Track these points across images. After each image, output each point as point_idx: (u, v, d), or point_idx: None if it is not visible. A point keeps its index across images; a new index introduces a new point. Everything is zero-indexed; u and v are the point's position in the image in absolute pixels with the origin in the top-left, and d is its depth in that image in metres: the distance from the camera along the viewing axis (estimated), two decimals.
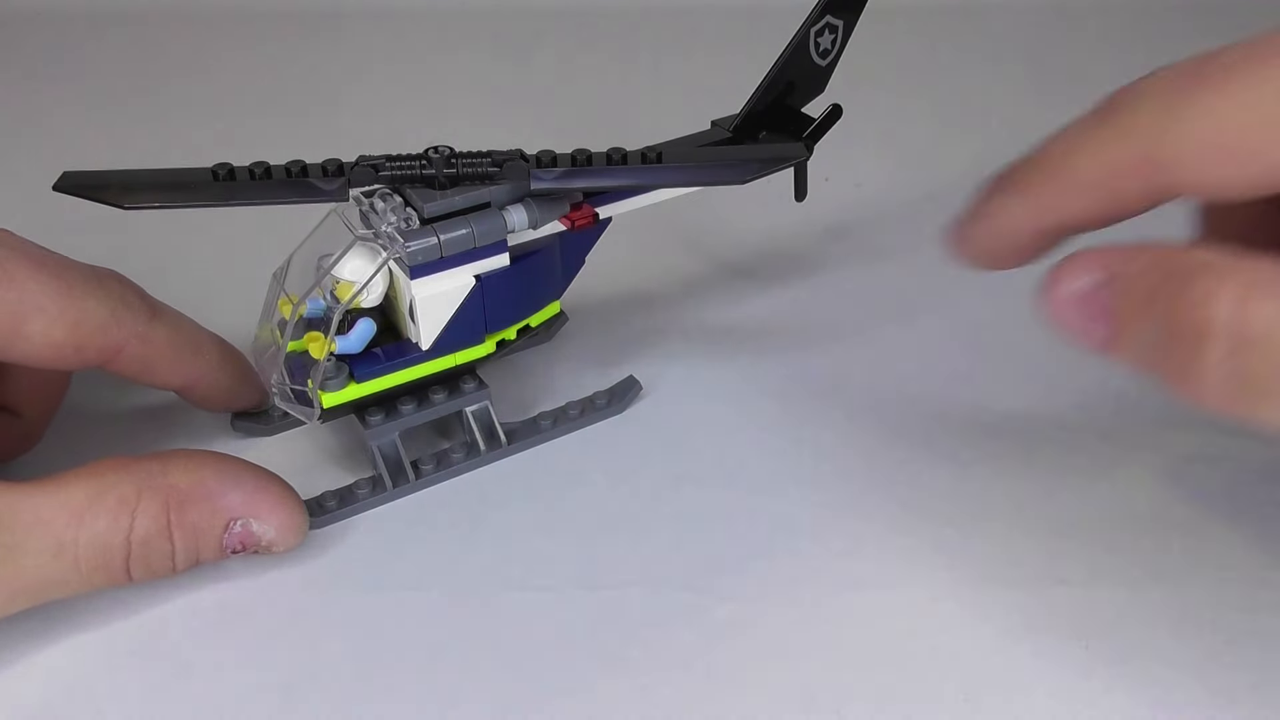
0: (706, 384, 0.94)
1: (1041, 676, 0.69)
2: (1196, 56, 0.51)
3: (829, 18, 0.91)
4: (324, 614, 0.74)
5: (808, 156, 0.90)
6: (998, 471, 0.85)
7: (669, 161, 0.81)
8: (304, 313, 0.79)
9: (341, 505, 0.81)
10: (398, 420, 0.82)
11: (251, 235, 1.04)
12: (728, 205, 1.14)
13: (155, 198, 0.77)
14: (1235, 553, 0.77)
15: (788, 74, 0.92)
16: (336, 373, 0.78)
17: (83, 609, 0.74)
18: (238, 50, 1.68)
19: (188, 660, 0.71)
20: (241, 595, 0.75)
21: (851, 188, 1.23)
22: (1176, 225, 0.64)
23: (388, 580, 0.76)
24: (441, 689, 0.69)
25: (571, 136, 0.90)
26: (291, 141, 0.88)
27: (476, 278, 0.80)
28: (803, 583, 0.76)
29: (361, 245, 0.78)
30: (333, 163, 0.78)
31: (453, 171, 0.78)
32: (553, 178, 0.79)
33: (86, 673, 0.70)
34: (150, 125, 1.45)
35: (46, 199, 0.80)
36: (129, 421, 0.90)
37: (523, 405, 0.92)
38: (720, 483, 0.84)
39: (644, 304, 1.05)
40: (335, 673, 0.70)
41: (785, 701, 0.68)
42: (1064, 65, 1.57)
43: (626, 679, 0.69)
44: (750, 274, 1.10)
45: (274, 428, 0.89)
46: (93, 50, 1.68)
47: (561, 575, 0.77)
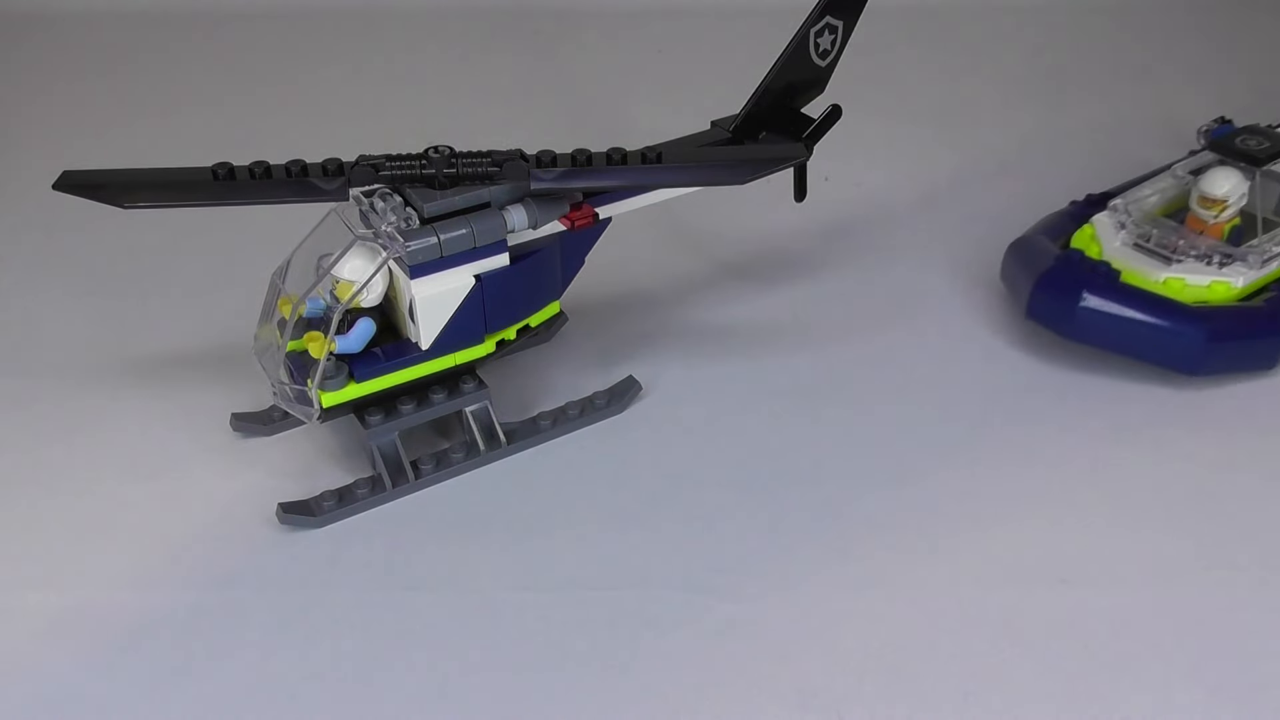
0: (706, 384, 0.94)
1: (1041, 676, 0.69)
2: None
3: (829, 18, 0.91)
4: (324, 614, 0.74)
5: (807, 157, 0.90)
6: (997, 471, 0.85)
7: (669, 161, 0.81)
8: (304, 312, 0.79)
9: (341, 505, 0.81)
10: (397, 420, 0.82)
11: (251, 235, 1.04)
12: (728, 205, 1.14)
13: (155, 197, 0.77)
14: (1236, 553, 0.77)
15: (787, 74, 0.92)
16: (336, 372, 0.78)
17: (83, 609, 0.74)
18: (238, 50, 1.68)
19: (188, 660, 0.71)
20: (241, 595, 0.75)
21: (851, 188, 1.23)
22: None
23: (387, 580, 0.76)
24: (441, 689, 0.69)
25: (571, 136, 0.90)
26: (291, 141, 0.88)
27: (476, 278, 0.80)
28: (803, 583, 0.76)
29: (361, 245, 0.78)
30: (333, 162, 0.78)
31: (453, 171, 0.78)
32: (553, 178, 0.79)
33: (86, 672, 0.70)
34: (150, 125, 1.45)
35: (46, 199, 0.80)
36: (130, 421, 0.90)
37: (523, 405, 0.92)
38: (720, 483, 0.84)
39: (644, 304, 1.05)
40: (335, 673, 0.70)
41: (785, 701, 0.68)
42: (1063, 66, 1.57)
43: (626, 679, 0.69)
44: (750, 274, 1.10)
45: (273, 428, 0.89)
46: (93, 50, 1.67)
47: (561, 575, 0.77)
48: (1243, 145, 0.96)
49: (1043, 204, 1.06)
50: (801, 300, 1.06)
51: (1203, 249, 0.91)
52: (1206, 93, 1.46)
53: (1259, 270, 0.91)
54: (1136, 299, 0.88)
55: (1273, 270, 0.93)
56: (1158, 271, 0.91)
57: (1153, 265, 0.91)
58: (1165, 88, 1.49)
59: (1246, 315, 0.90)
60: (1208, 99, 1.43)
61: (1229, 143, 0.98)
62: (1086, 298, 0.88)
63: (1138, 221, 0.95)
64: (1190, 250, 0.91)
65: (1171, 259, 0.91)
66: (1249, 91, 1.45)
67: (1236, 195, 0.92)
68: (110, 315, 1.05)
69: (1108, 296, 0.88)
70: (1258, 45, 1.57)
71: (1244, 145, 0.96)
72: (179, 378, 0.95)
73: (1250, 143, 0.97)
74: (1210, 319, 0.88)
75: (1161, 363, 0.89)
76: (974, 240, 1.11)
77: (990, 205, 1.19)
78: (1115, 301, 0.88)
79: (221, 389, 0.92)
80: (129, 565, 0.77)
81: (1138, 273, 0.91)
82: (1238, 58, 1.54)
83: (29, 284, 1.10)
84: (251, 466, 0.86)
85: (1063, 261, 0.92)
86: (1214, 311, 0.89)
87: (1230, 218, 0.94)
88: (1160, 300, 0.89)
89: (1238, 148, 0.96)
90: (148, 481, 0.84)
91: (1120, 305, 0.88)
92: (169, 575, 0.77)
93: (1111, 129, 1.36)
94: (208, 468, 0.86)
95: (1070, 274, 0.90)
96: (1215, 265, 0.90)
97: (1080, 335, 0.90)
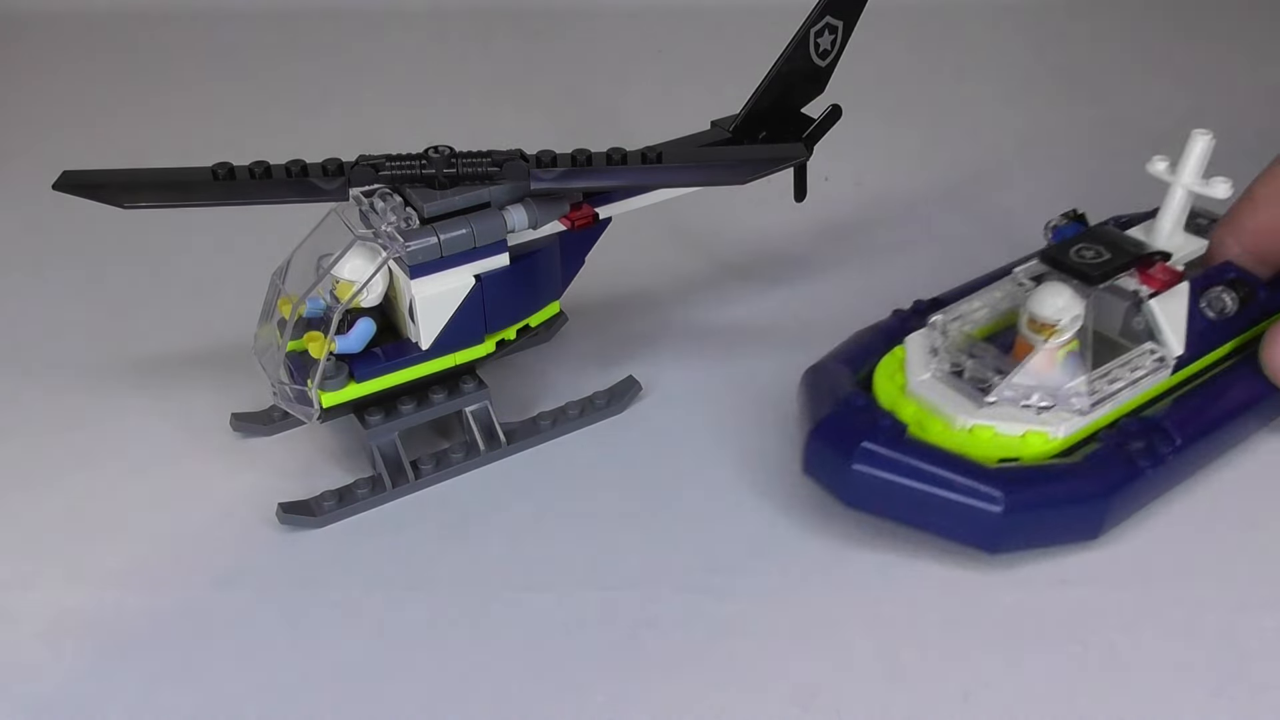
0: (706, 384, 0.94)
1: (1041, 676, 0.69)
2: None
3: (829, 18, 0.91)
4: (323, 614, 0.74)
5: (807, 157, 0.90)
6: None
7: (669, 161, 0.81)
8: (304, 312, 0.79)
9: (341, 505, 0.81)
10: (397, 420, 0.82)
11: (251, 235, 1.04)
12: (728, 205, 1.14)
13: (154, 197, 0.77)
14: (1236, 553, 0.77)
15: (787, 74, 0.92)
16: (336, 372, 0.78)
17: (83, 609, 0.74)
18: (238, 50, 1.68)
19: (188, 660, 0.71)
20: (241, 595, 0.75)
21: (851, 188, 1.23)
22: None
23: (388, 580, 0.76)
24: (442, 688, 0.69)
25: (571, 136, 0.90)
26: (291, 141, 0.88)
27: (476, 277, 0.80)
28: (802, 582, 0.76)
29: (361, 245, 0.78)
30: (333, 162, 0.78)
31: (453, 171, 0.78)
32: (553, 178, 0.79)
33: (87, 673, 0.70)
34: (150, 125, 1.45)
35: (47, 199, 0.80)
36: (130, 421, 0.90)
37: (522, 405, 0.92)
38: (720, 482, 0.84)
39: (644, 304, 1.05)
40: (335, 672, 0.70)
41: (785, 701, 0.68)
42: (1063, 66, 1.57)
43: (626, 679, 0.69)
44: (750, 274, 1.10)
45: (274, 427, 0.89)
46: (94, 50, 1.67)
47: (561, 575, 0.77)
48: (1077, 258, 0.76)
49: (1043, 203, 1.05)
50: (801, 300, 1.06)
51: (1021, 387, 0.73)
52: (1204, 93, 1.46)
53: (1086, 416, 0.74)
54: (924, 459, 0.71)
55: (1103, 415, 0.76)
56: (965, 415, 0.73)
57: (960, 407, 0.74)
58: (1166, 88, 1.49)
59: (1060, 477, 0.73)
60: (1206, 99, 1.44)
61: (1063, 253, 0.77)
62: (859, 458, 0.72)
63: (953, 346, 0.77)
64: (1006, 390, 0.73)
65: (984, 399, 0.74)
66: (1240, 93, 1.45)
67: (1069, 318, 0.74)
68: (110, 315, 1.05)
69: (884, 458, 0.72)
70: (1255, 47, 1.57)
71: (1078, 258, 0.76)
72: (179, 378, 0.95)
73: (1087, 254, 0.76)
74: (1013, 485, 0.71)
75: (954, 538, 0.73)
76: (974, 240, 1.11)
77: (990, 205, 1.20)
78: (892, 465, 0.71)
79: (221, 389, 0.92)
80: (129, 565, 0.77)
81: (940, 419, 0.74)
82: (1234, 60, 1.55)
83: (29, 284, 1.11)
84: (251, 466, 0.86)
85: (842, 408, 0.75)
86: (1020, 474, 0.72)
87: (1064, 344, 0.75)
88: (954, 461, 0.72)
89: (1070, 261, 0.76)
90: (148, 481, 0.85)
91: (897, 470, 0.71)
92: (169, 575, 0.77)
93: (1112, 129, 1.37)
94: (208, 468, 0.86)
95: (845, 426, 0.74)
96: (1034, 409, 0.73)
97: (856, 501, 0.74)
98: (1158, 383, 0.79)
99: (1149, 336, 0.79)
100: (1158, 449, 0.75)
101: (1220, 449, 0.82)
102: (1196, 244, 0.87)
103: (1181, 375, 0.81)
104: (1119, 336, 0.82)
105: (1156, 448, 0.75)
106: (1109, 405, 0.76)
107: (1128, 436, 0.75)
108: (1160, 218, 0.86)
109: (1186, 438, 0.77)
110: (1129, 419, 0.77)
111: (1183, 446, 0.76)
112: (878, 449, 0.72)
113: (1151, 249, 0.80)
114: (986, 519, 0.70)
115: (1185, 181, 0.83)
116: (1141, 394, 0.78)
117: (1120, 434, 0.75)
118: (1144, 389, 0.78)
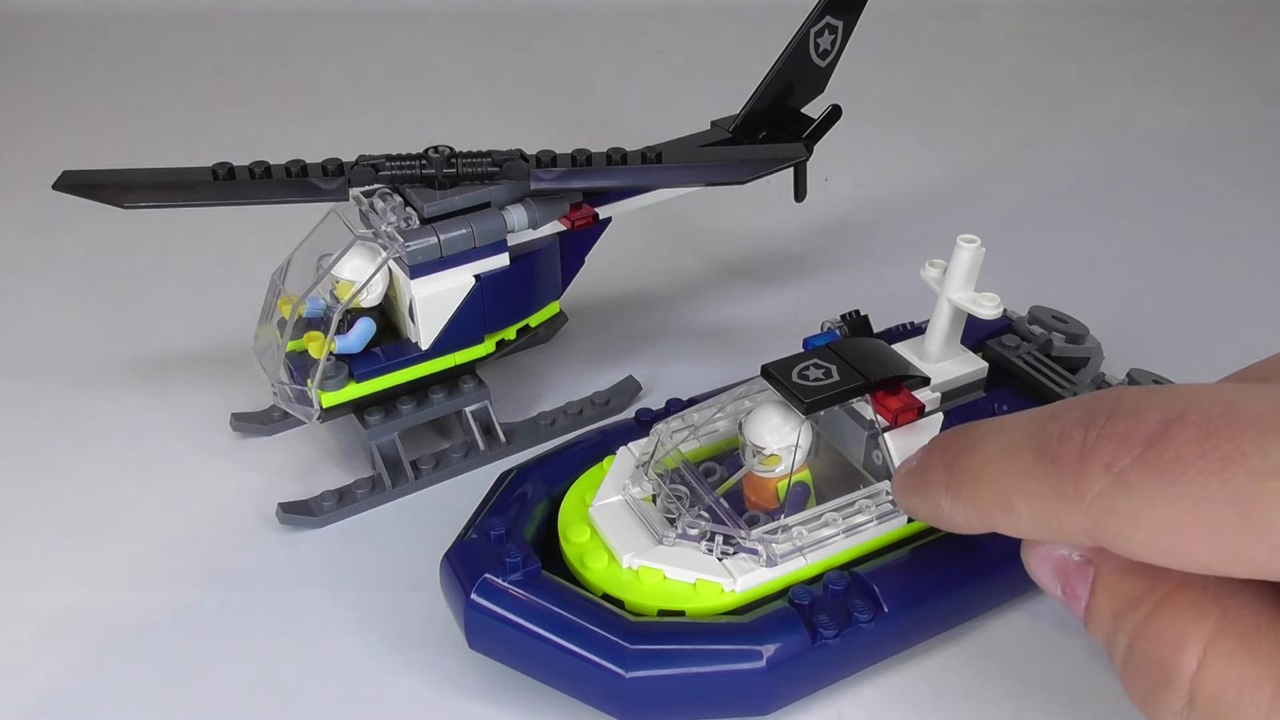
0: (706, 384, 0.94)
1: (1041, 676, 0.69)
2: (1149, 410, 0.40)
3: (829, 18, 0.91)
4: (324, 613, 0.74)
5: (807, 157, 0.90)
6: None
7: (669, 161, 0.81)
8: (304, 312, 0.79)
9: (341, 505, 0.81)
10: (397, 420, 0.82)
11: (251, 235, 1.04)
12: (728, 205, 1.14)
13: (154, 197, 0.77)
14: None
15: (787, 74, 0.92)
16: (336, 372, 0.78)
17: (83, 609, 0.74)
18: (238, 50, 1.68)
19: (188, 660, 0.71)
20: (241, 595, 0.75)
21: (851, 188, 1.23)
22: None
23: (388, 580, 0.76)
24: (441, 687, 0.69)
25: (571, 136, 0.90)
26: (291, 141, 0.88)
27: (476, 277, 0.80)
28: None
29: (361, 245, 0.78)
30: (333, 162, 0.78)
31: (453, 171, 0.78)
32: (553, 178, 0.79)
33: (86, 672, 0.70)
34: (150, 125, 1.45)
35: (46, 198, 0.80)
36: (129, 421, 0.90)
37: (523, 405, 0.92)
38: None
39: (644, 304, 1.05)
40: (335, 672, 0.70)
41: None
42: (1062, 67, 1.57)
43: None
44: (750, 274, 1.10)
45: (273, 428, 0.89)
46: (93, 50, 1.68)
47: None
48: (799, 378, 0.65)
49: (1042, 203, 1.05)
50: (801, 300, 1.06)
51: (703, 525, 0.61)
52: (1204, 93, 1.47)
53: (775, 569, 0.61)
54: (550, 604, 0.59)
55: (799, 569, 0.62)
56: (632, 554, 0.62)
57: (632, 542, 0.63)
58: (1165, 88, 1.49)
59: (715, 638, 0.59)
60: (1207, 99, 1.44)
61: (785, 371, 0.66)
62: (475, 600, 0.60)
63: (658, 465, 0.66)
64: (689, 527, 0.62)
65: (663, 535, 0.63)
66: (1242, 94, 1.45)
67: (783, 447, 0.64)
68: (110, 315, 1.05)
69: (501, 601, 0.60)
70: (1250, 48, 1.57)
71: (800, 378, 0.65)
72: (179, 378, 0.95)
73: (813, 373, 0.65)
74: (642, 644, 0.58)
75: (583, 700, 0.61)
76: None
77: (990, 205, 1.20)
78: (508, 608, 0.59)
79: (221, 389, 0.92)
80: (129, 565, 0.77)
81: (607, 553, 0.63)
82: (1237, 59, 1.55)
83: (29, 284, 1.11)
84: (251, 466, 0.86)
85: (478, 535, 0.64)
86: (662, 632, 0.59)
87: (782, 474, 0.65)
88: (587, 609, 0.59)
89: (790, 381, 0.65)
90: (148, 481, 0.84)
91: (510, 616, 0.59)
92: (169, 575, 0.77)
93: (1111, 130, 1.37)
94: (208, 468, 0.86)
95: (473, 559, 0.62)
96: (715, 554, 0.61)
97: (478, 646, 0.63)
98: (890, 530, 0.65)
99: (887, 474, 0.67)
100: (854, 616, 0.62)
101: (947, 622, 0.68)
102: (972, 366, 0.74)
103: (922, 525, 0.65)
104: (864, 469, 0.69)
105: (853, 614, 0.62)
106: (817, 554, 0.63)
107: (815, 599, 0.62)
108: (929, 333, 0.74)
109: (897, 605, 0.63)
110: (839, 574, 0.64)
111: (891, 615, 0.63)
112: (494, 588, 0.60)
113: (905, 372, 0.68)
114: (612, 682, 0.58)
115: (952, 295, 0.72)
116: (869, 541, 0.65)
117: (810, 594, 0.62)
118: (870, 537, 0.65)
